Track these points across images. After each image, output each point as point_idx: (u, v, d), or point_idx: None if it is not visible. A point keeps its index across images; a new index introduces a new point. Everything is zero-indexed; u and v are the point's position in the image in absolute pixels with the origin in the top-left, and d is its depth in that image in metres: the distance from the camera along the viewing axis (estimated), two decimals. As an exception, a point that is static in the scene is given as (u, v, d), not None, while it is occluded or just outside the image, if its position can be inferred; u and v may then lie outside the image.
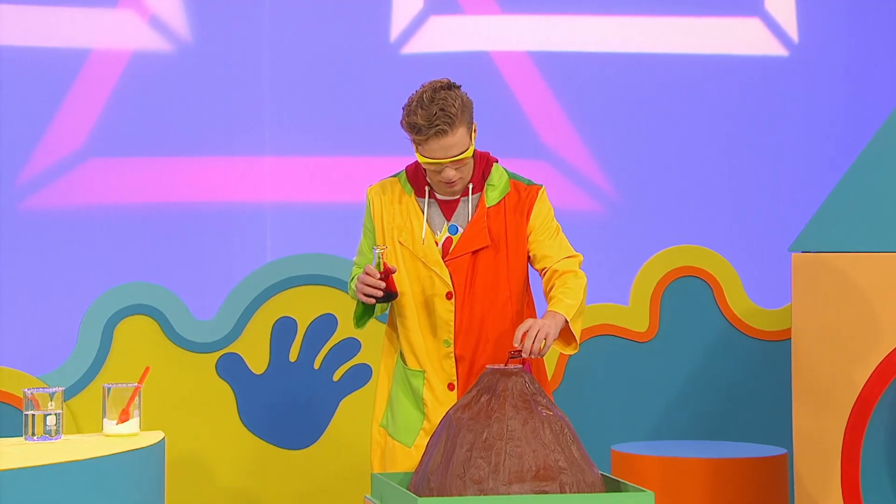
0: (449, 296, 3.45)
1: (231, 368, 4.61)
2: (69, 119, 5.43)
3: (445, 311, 3.45)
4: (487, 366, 3.18)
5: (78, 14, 5.45)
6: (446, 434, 3.06)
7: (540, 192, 3.50)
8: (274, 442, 4.65)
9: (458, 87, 3.37)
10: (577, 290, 3.37)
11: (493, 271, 3.46)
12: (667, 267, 4.93)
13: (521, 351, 3.22)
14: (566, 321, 3.30)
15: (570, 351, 3.39)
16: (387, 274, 3.36)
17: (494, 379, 3.10)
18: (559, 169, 5.80)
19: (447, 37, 5.68)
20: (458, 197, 3.48)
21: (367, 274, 3.37)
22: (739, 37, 5.93)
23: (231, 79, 5.56)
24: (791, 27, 5.98)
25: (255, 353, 4.64)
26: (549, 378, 4.77)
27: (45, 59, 5.42)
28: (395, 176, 3.58)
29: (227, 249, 5.52)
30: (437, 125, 3.29)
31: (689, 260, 4.93)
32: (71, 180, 5.44)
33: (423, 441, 3.47)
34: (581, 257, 3.48)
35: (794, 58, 5.99)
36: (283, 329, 4.65)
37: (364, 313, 3.52)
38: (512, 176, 3.53)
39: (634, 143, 5.87)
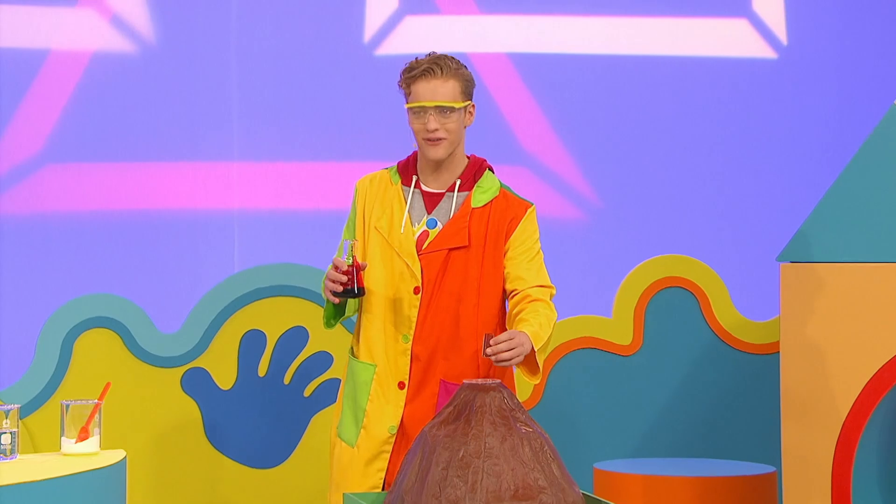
0: (416, 290, 3.43)
1: (197, 384, 4.58)
2: (27, 123, 5.45)
3: (410, 305, 3.44)
4: (464, 381, 3.12)
5: (36, 13, 5.47)
6: (421, 452, 3.03)
7: (529, 210, 3.50)
8: (242, 460, 4.62)
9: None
10: (549, 323, 3.35)
11: (464, 274, 3.44)
12: (651, 277, 4.93)
13: (490, 347, 3.18)
14: (532, 350, 3.26)
15: (533, 381, 3.35)
16: (355, 269, 3.34)
17: (471, 394, 3.06)
18: (540, 175, 5.84)
19: (423, 38, 5.76)
20: (442, 191, 3.47)
21: (334, 266, 3.36)
22: (726, 38, 6.01)
23: (197, 81, 5.57)
24: (780, 29, 6.08)
25: (222, 367, 4.61)
26: (529, 394, 4.74)
27: (1, 60, 5.42)
28: (386, 168, 3.59)
29: (193, 259, 5.54)
30: (429, 66, 3.39)
31: (674, 270, 4.94)
32: (29, 186, 5.44)
33: (364, 441, 3.44)
34: (554, 290, 3.45)
35: (782, 60, 6.07)
36: (252, 342, 4.62)
37: (336, 313, 3.51)
38: (505, 187, 3.54)
39: (618, 149, 5.93)
